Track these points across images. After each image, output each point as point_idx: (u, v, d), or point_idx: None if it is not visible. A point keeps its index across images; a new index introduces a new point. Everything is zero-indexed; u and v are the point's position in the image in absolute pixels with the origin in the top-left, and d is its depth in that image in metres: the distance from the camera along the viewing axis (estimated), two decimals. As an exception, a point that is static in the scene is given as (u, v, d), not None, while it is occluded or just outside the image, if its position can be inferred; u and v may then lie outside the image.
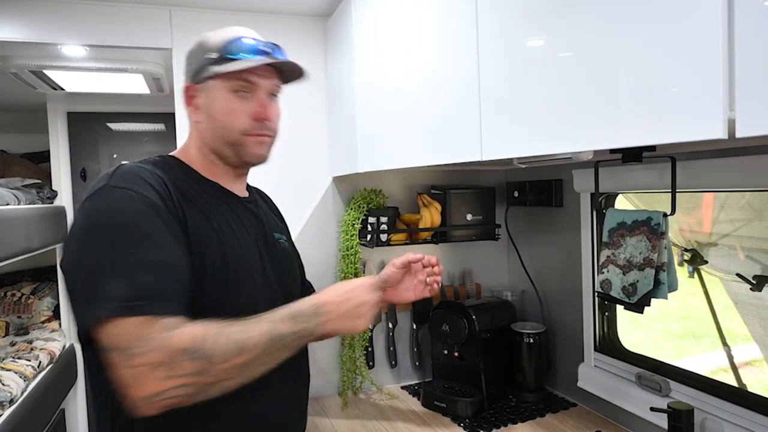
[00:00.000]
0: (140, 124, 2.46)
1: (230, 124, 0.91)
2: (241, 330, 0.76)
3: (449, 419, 1.43)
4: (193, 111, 0.94)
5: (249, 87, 0.91)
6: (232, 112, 0.91)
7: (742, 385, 1.37)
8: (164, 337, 0.72)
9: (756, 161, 0.96)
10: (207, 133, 0.93)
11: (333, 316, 0.84)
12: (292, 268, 1.07)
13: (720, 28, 0.57)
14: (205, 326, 0.75)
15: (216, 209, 0.90)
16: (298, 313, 0.81)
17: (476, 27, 0.97)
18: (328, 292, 0.87)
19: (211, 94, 0.91)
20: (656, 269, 1.05)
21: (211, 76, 0.90)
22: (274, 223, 1.08)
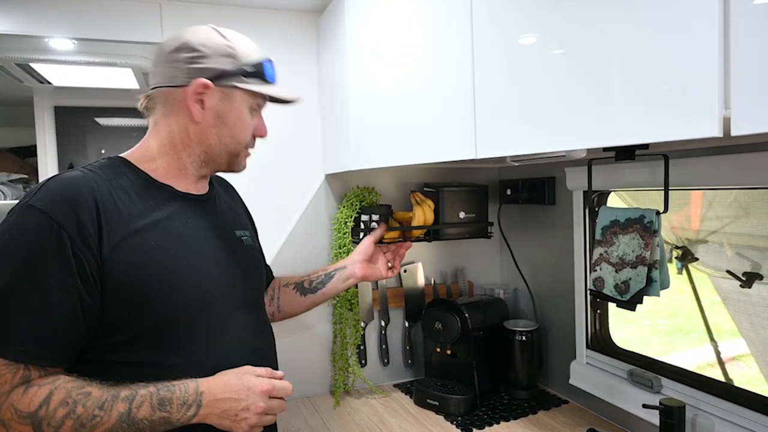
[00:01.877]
0: (128, 119, 2.42)
1: (240, 136, 0.92)
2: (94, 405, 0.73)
3: (442, 417, 1.43)
4: (197, 109, 0.88)
5: (260, 106, 0.95)
6: (245, 125, 0.92)
7: (728, 379, 1.39)
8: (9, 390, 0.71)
9: (748, 159, 0.97)
10: (208, 136, 0.90)
11: (207, 411, 0.78)
12: (256, 264, 1.05)
13: (715, 25, 0.57)
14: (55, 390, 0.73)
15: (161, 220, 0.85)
16: (166, 400, 0.76)
17: (471, 24, 0.97)
18: (218, 381, 0.81)
19: (231, 103, 0.90)
20: (649, 267, 1.05)
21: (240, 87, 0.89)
22: (237, 218, 1.05)
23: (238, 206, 1.11)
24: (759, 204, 1.21)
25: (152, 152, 0.91)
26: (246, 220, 1.11)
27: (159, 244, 0.83)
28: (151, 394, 0.76)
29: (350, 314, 1.61)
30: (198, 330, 0.85)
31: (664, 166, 1.06)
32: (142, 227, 0.82)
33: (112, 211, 0.80)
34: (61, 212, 0.75)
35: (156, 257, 0.82)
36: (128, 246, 0.80)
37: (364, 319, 1.65)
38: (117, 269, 0.78)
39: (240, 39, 0.92)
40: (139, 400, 0.75)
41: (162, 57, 0.90)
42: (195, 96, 0.87)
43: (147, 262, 0.81)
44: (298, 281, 1.22)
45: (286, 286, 1.22)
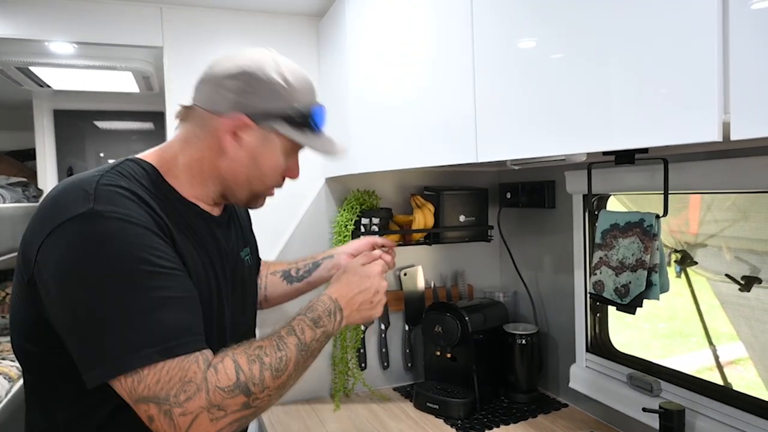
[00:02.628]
0: (128, 123, 2.43)
1: (270, 180, 0.89)
2: (272, 352, 0.76)
3: (441, 421, 1.43)
4: (232, 145, 0.83)
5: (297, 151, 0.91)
6: (276, 169, 0.88)
7: (727, 383, 1.39)
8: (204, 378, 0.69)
9: (747, 163, 0.98)
10: (236, 173, 0.85)
11: (348, 312, 0.85)
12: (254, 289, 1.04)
13: (714, 29, 0.57)
14: (236, 357, 0.74)
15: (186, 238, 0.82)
16: (317, 318, 0.82)
17: (471, 28, 0.97)
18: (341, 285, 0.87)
19: (268, 145, 0.84)
20: (648, 270, 1.06)
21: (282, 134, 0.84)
22: (244, 236, 1.03)
23: (242, 221, 1.07)
24: (758, 208, 1.21)
25: (179, 170, 0.85)
26: (249, 234, 1.08)
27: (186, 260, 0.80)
28: (303, 320, 0.81)
29: (350, 318, 1.61)
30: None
31: (663, 170, 1.07)
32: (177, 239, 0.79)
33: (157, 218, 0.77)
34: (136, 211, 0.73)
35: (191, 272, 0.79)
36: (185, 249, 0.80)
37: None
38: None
39: (298, 78, 0.85)
40: (298, 329, 0.79)
41: (212, 77, 0.84)
42: (233, 131, 0.82)
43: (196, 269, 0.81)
44: (285, 269, 1.22)
45: (274, 274, 1.21)
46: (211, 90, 0.83)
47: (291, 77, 0.84)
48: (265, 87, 0.82)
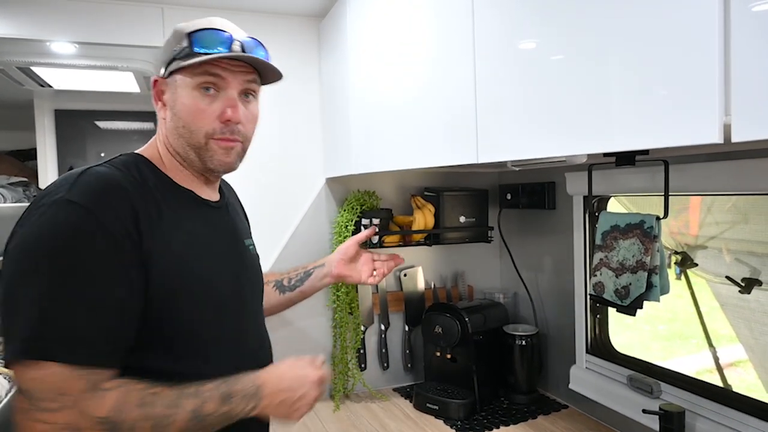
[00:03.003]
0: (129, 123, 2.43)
1: (194, 126, 0.82)
2: (165, 405, 0.71)
3: (441, 421, 1.43)
4: (161, 107, 0.85)
5: (216, 83, 0.81)
6: (197, 112, 0.81)
7: (727, 385, 1.39)
8: (81, 398, 0.67)
9: (748, 165, 0.98)
10: (171, 132, 0.84)
11: (266, 403, 0.79)
12: (260, 277, 1.03)
13: (716, 31, 0.57)
14: (127, 393, 0.70)
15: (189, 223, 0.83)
16: (230, 393, 0.76)
17: (472, 29, 0.97)
18: (271, 373, 0.81)
19: (176, 91, 0.82)
20: (649, 272, 1.05)
21: (177, 70, 0.81)
22: (244, 226, 1.04)
23: (241, 210, 1.09)
24: (758, 210, 1.21)
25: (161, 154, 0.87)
26: (248, 226, 1.10)
27: (186, 247, 0.81)
28: (216, 388, 0.76)
29: (350, 318, 1.61)
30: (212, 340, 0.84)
31: (664, 171, 1.07)
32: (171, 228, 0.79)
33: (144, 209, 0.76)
34: (101, 207, 0.71)
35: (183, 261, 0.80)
36: (162, 245, 0.77)
37: (364, 322, 1.65)
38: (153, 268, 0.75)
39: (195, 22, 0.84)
40: (205, 395, 0.75)
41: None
42: (156, 96, 0.85)
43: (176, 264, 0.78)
44: (278, 279, 1.21)
45: (267, 284, 1.20)
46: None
47: (179, 25, 0.84)
48: (166, 42, 0.85)
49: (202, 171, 0.87)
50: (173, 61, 0.82)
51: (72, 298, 0.68)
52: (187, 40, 0.81)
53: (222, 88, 0.82)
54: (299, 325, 1.62)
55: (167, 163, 0.86)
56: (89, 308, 0.69)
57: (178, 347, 0.80)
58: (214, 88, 0.82)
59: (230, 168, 0.87)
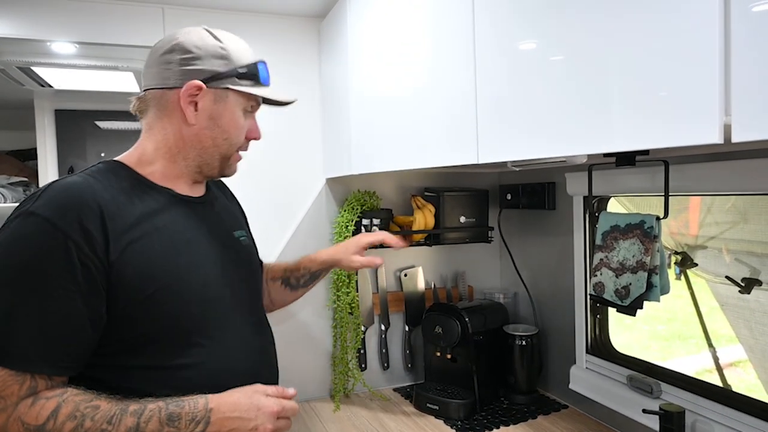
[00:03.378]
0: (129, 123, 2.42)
1: (235, 140, 0.92)
2: (101, 420, 0.72)
3: (441, 421, 1.43)
4: (190, 112, 0.88)
5: (253, 108, 0.95)
6: (239, 128, 0.92)
7: (727, 385, 1.39)
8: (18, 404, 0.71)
9: (748, 165, 0.98)
10: (202, 138, 0.90)
11: (215, 429, 0.77)
12: (254, 267, 1.06)
13: (716, 32, 0.57)
14: (63, 403, 0.72)
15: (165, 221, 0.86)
16: (177, 415, 0.75)
17: (472, 29, 0.97)
18: (226, 399, 0.79)
19: (224, 105, 0.90)
20: (649, 272, 1.06)
21: (233, 89, 0.89)
22: (233, 219, 1.06)
23: (234, 206, 1.12)
24: (757, 210, 1.21)
25: (149, 156, 0.90)
26: (242, 220, 1.12)
27: (163, 247, 0.83)
28: (160, 408, 0.75)
29: (350, 318, 1.61)
30: (201, 332, 0.86)
31: (664, 171, 1.07)
32: (146, 231, 0.82)
33: (116, 215, 0.79)
34: (65, 219, 0.74)
35: (161, 261, 0.82)
36: (134, 250, 0.79)
37: (364, 323, 1.65)
38: (124, 274, 0.77)
39: (233, 40, 0.92)
40: (147, 414, 0.74)
41: (154, 58, 0.90)
42: (188, 98, 0.87)
43: (152, 265, 0.80)
44: (284, 277, 1.23)
45: (274, 281, 1.23)
46: (157, 70, 0.89)
47: (227, 41, 0.91)
48: (206, 52, 0.88)
49: (210, 176, 0.96)
50: (230, 78, 0.89)
51: (19, 308, 0.72)
52: (251, 68, 0.91)
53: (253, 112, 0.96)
54: (299, 326, 1.62)
55: (150, 166, 0.90)
56: (35, 318, 0.72)
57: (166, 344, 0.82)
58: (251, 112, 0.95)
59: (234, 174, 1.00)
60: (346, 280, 1.59)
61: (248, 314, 0.97)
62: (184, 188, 0.93)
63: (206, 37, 0.89)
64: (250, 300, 0.99)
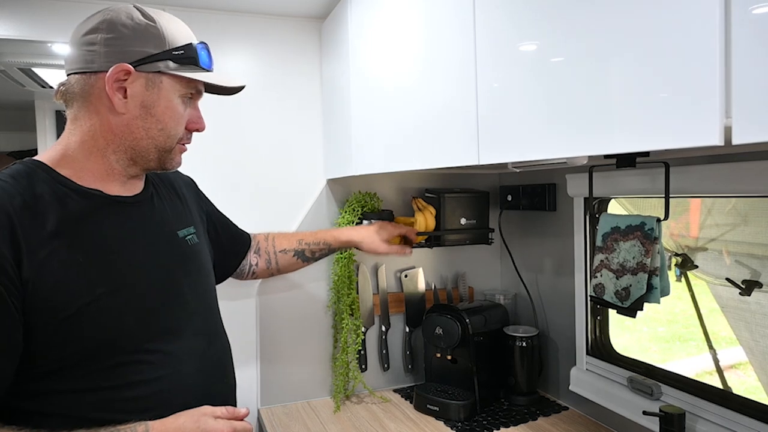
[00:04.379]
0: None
1: (173, 131, 0.82)
2: None
3: (442, 422, 1.43)
4: (118, 99, 0.77)
5: (193, 96, 0.85)
6: (177, 118, 0.82)
7: (727, 387, 1.39)
8: None
9: (749, 167, 0.98)
10: (134, 129, 0.79)
11: None
12: (205, 269, 0.96)
13: (716, 33, 0.58)
14: None
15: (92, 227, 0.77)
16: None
17: (473, 31, 0.98)
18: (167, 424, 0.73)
19: (158, 91, 0.79)
20: (649, 274, 1.06)
21: (167, 73, 0.79)
22: (179, 217, 0.94)
23: (182, 201, 0.99)
24: (758, 212, 1.21)
25: (73, 152, 0.79)
26: (192, 216, 0.99)
27: (89, 258, 0.74)
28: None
29: (351, 319, 1.61)
30: (141, 347, 0.78)
31: (664, 173, 1.07)
32: (67, 242, 0.73)
33: (31, 226, 0.70)
34: None
35: (87, 273, 0.73)
36: (52, 265, 0.70)
37: (364, 324, 1.65)
38: (42, 292, 0.69)
39: (168, 19, 0.81)
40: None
41: (77, 38, 0.79)
42: (115, 83, 0.76)
43: (76, 279, 0.72)
44: (298, 249, 1.24)
45: (284, 252, 1.24)
46: (79, 52, 0.78)
47: (159, 17, 0.80)
48: (135, 31, 0.77)
49: (147, 169, 0.85)
50: (163, 61, 0.78)
51: None
52: (189, 50, 0.81)
53: (194, 99, 0.86)
54: (300, 327, 1.62)
55: (75, 164, 0.79)
56: None
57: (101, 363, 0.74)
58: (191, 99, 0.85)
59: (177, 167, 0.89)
60: (346, 281, 1.59)
61: (201, 323, 0.88)
62: (117, 188, 0.83)
63: (136, 14, 0.78)
64: (200, 307, 0.90)
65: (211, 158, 1.52)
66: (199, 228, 0.99)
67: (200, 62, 0.82)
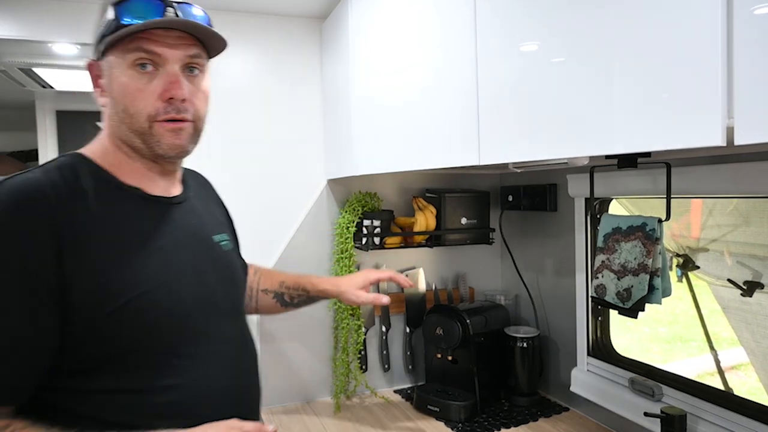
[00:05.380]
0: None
1: (134, 108, 0.74)
2: None
3: (442, 423, 1.43)
4: (99, 94, 0.78)
5: (153, 59, 0.74)
6: (135, 92, 0.74)
7: (728, 388, 1.39)
8: None
9: (750, 168, 0.97)
10: (113, 119, 0.77)
11: None
12: (236, 275, 0.95)
13: (719, 34, 0.57)
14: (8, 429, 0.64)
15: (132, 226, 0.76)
16: None
17: (474, 30, 0.97)
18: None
19: (111, 73, 0.75)
20: (650, 275, 1.05)
21: (108, 48, 0.74)
22: (214, 221, 0.94)
23: (213, 205, 0.99)
24: (759, 212, 1.21)
25: (105, 145, 0.80)
26: (224, 222, 1.00)
27: (129, 257, 0.73)
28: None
29: (351, 320, 1.61)
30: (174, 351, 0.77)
31: (666, 174, 1.07)
32: (109, 239, 0.72)
33: (74, 221, 0.69)
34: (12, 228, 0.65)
35: (126, 272, 0.72)
36: (93, 261, 0.70)
37: (365, 324, 1.65)
38: (81, 288, 0.68)
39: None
40: None
41: None
42: (93, 82, 0.79)
43: (115, 278, 0.71)
44: (278, 291, 1.16)
45: (266, 292, 1.16)
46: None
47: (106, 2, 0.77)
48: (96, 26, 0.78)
49: (153, 158, 0.79)
50: (102, 39, 0.75)
51: None
52: (113, 12, 0.73)
53: (160, 64, 0.74)
54: (301, 327, 1.61)
55: (112, 159, 0.79)
56: None
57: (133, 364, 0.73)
58: (151, 64, 0.74)
59: (182, 151, 0.79)
60: (346, 282, 1.59)
61: (230, 327, 0.87)
62: (153, 187, 0.81)
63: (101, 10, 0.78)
64: (231, 313, 0.89)
65: (211, 158, 1.52)
66: (232, 238, 0.99)
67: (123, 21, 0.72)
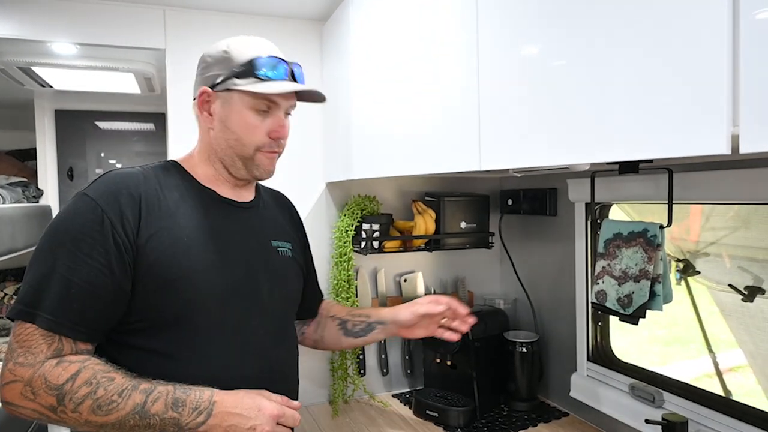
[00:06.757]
0: (129, 124, 2.42)
1: (247, 140, 0.93)
2: (113, 391, 0.77)
3: (441, 428, 1.42)
4: (205, 117, 0.94)
5: (269, 106, 0.93)
6: (250, 128, 0.92)
7: (727, 391, 1.38)
8: (43, 360, 0.77)
9: (753, 174, 0.97)
10: (219, 142, 0.94)
11: (216, 422, 0.79)
12: (289, 278, 1.05)
13: (724, 41, 0.57)
14: (84, 369, 0.78)
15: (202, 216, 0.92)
16: (182, 401, 0.78)
17: (476, 35, 0.97)
18: (230, 395, 0.82)
19: (229, 106, 0.92)
20: (652, 281, 1.05)
21: (235, 89, 0.90)
22: (279, 229, 1.07)
23: (285, 219, 1.13)
24: (759, 217, 1.21)
25: (195, 158, 0.98)
26: (291, 234, 1.10)
27: (191, 240, 0.88)
28: (168, 392, 0.78)
29: (350, 323, 1.60)
30: (214, 328, 0.88)
31: (668, 180, 1.06)
32: (178, 223, 0.88)
33: (154, 205, 0.87)
34: (107, 201, 0.83)
35: (185, 252, 0.86)
36: (162, 237, 0.85)
37: (363, 328, 1.64)
38: (149, 257, 0.83)
39: (239, 41, 0.93)
40: (155, 395, 0.78)
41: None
42: (201, 105, 0.94)
43: (176, 254, 0.85)
44: (342, 318, 1.20)
45: (332, 318, 1.21)
46: (193, 83, 0.98)
47: (234, 43, 0.93)
48: (214, 58, 0.93)
49: (243, 178, 0.98)
50: (229, 79, 0.90)
51: (59, 275, 0.79)
52: (248, 65, 0.90)
53: (273, 108, 0.94)
54: (298, 330, 1.61)
55: (199, 168, 0.97)
56: (70, 286, 0.79)
57: (176, 331, 0.86)
58: (266, 110, 0.93)
59: (271, 175, 0.99)
60: (346, 285, 1.58)
61: (269, 322, 0.96)
62: (226, 191, 0.98)
63: (220, 44, 0.94)
64: (275, 309, 0.98)
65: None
66: (297, 250, 1.09)
67: (258, 73, 0.90)
